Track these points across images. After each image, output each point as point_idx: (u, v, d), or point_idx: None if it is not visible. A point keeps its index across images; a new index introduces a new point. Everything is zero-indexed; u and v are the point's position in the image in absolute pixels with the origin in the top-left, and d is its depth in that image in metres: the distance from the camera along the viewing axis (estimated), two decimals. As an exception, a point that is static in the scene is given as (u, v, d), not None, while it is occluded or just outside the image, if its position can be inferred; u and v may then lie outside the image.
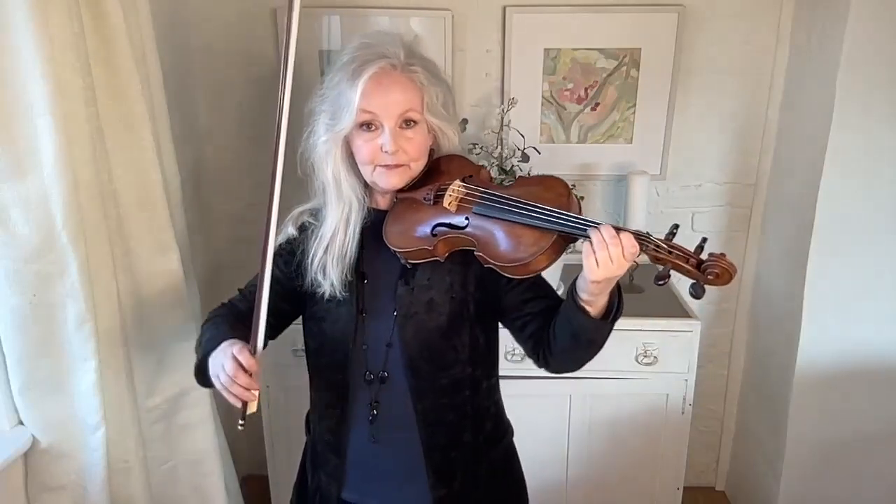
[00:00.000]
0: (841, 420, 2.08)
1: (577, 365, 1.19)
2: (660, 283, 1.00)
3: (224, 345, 1.12)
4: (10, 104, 1.30)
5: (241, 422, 1.13)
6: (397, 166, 1.18)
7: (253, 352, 1.13)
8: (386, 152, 1.15)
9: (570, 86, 2.15)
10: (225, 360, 1.08)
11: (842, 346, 2.02)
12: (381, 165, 1.18)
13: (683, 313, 1.96)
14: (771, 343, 2.22)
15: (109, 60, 1.48)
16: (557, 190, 1.14)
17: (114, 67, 1.49)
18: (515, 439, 1.42)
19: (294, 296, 1.28)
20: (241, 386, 1.06)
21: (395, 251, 1.18)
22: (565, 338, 1.13)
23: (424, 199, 1.19)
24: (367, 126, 1.16)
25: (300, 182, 1.30)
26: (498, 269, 1.10)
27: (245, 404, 1.09)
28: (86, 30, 1.41)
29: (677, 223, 1.06)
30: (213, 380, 1.11)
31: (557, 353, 1.17)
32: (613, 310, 1.09)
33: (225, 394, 1.08)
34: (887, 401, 2.06)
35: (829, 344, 2.01)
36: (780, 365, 2.13)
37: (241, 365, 1.07)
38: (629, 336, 1.93)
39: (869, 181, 1.88)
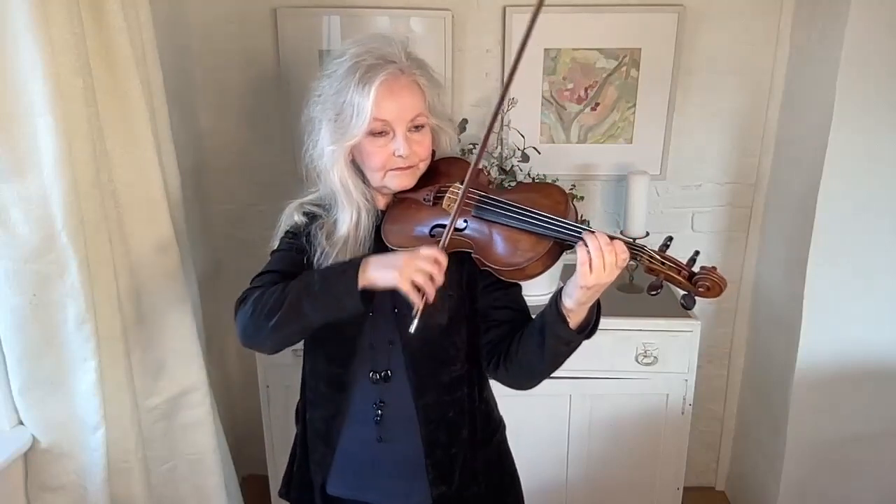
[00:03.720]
0: (841, 420, 2.08)
1: (530, 380, 1.21)
2: (653, 293, 1.06)
3: (396, 253, 1.09)
4: (10, 104, 1.31)
5: (416, 322, 1.05)
6: (409, 168, 1.20)
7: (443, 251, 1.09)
8: (400, 157, 1.17)
9: (570, 86, 2.15)
10: (421, 260, 1.04)
11: (842, 346, 2.02)
12: (392, 169, 1.19)
13: (683, 313, 1.96)
14: (771, 343, 2.22)
15: (109, 61, 1.49)
16: (556, 197, 1.16)
17: (114, 68, 1.49)
18: (515, 439, 1.43)
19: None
20: (436, 283, 1.04)
21: (393, 250, 1.18)
22: (531, 348, 1.15)
23: (424, 199, 1.21)
24: (377, 133, 1.16)
25: (300, 182, 1.30)
26: (494, 273, 1.13)
27: (424, 304, 1.05)
28: (86, 30, 1.41)
29: (671, 235, 1.10)
30: (399, 277, 1.04)
31: (516, 362, 1.18)
32: (591, 325, 1.12)
33: (426, 288, 1.03)
34: (887, 401, 2.06)
35: (829, 344, 2.01)
36: (780, 365, 2.13)
37: (440, 265, 1.04)
38: (629, 336, 1.93)
39: (869, 181, 1.88)
